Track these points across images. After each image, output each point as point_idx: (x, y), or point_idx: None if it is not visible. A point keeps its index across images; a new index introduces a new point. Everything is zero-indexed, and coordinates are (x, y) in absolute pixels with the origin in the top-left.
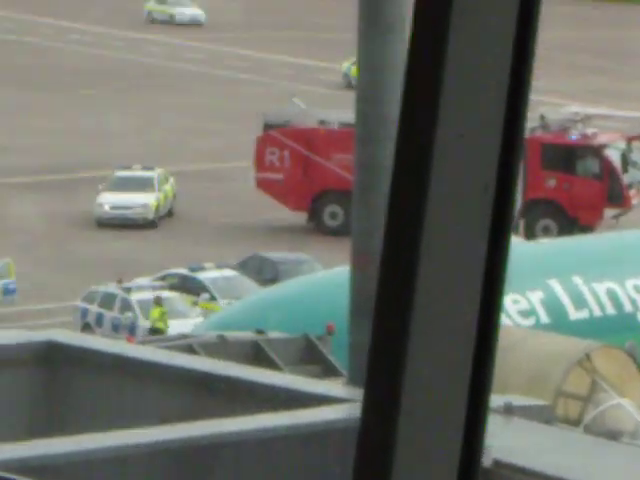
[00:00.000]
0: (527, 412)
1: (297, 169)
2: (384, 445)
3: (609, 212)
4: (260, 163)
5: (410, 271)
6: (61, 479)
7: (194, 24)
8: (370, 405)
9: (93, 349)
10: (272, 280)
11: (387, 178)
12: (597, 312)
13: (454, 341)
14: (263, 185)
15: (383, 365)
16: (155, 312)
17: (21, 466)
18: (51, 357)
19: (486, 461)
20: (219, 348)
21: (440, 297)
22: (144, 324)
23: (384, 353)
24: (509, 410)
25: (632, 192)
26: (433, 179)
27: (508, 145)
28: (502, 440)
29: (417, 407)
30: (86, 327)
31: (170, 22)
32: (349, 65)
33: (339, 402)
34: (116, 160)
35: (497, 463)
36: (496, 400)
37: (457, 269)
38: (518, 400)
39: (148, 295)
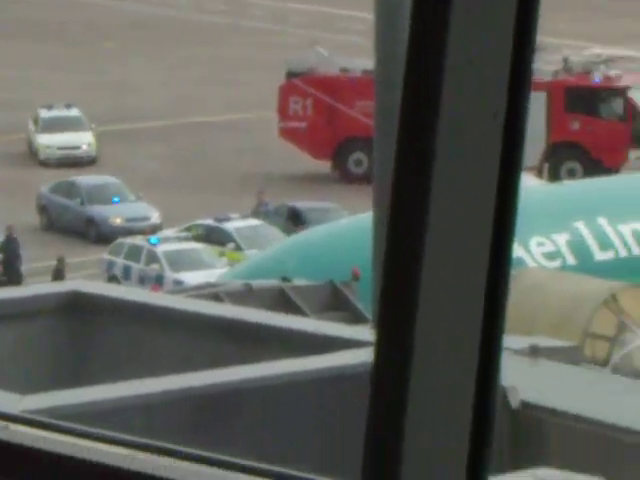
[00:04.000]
0: (554, 353)
1: (320, 117)
2: (397, 386)
3: (634, 154)
4: (283, 112)
5: (420, 204)
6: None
7: None
8: (383, 347)
9: (118, 298)
10: (300, 229)
11: None
12: (623, 253)
13: (465, 284)
14: (286, 134)
15: (395, 310)
16: None
17: (47, 416)
18: (76, 307)
19: (514, 402)
20: (245, 296)
21: (450, 239)
22: (170, 275)
23: (395, 300)
24: (535, 352)
25: None
26: (443, 105)
27: (517, 73)
28: (529, 382)
29: (429, 348)
30: (113, 279)
31: None
32: None
33: (366, 346)
34: (139, 112)
35: (525, 404)
36: (522, 341)
37: (468, 203)
38: (545, 341)
39: (174, 246)
